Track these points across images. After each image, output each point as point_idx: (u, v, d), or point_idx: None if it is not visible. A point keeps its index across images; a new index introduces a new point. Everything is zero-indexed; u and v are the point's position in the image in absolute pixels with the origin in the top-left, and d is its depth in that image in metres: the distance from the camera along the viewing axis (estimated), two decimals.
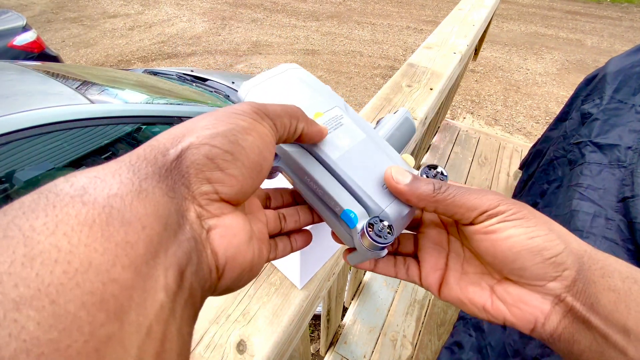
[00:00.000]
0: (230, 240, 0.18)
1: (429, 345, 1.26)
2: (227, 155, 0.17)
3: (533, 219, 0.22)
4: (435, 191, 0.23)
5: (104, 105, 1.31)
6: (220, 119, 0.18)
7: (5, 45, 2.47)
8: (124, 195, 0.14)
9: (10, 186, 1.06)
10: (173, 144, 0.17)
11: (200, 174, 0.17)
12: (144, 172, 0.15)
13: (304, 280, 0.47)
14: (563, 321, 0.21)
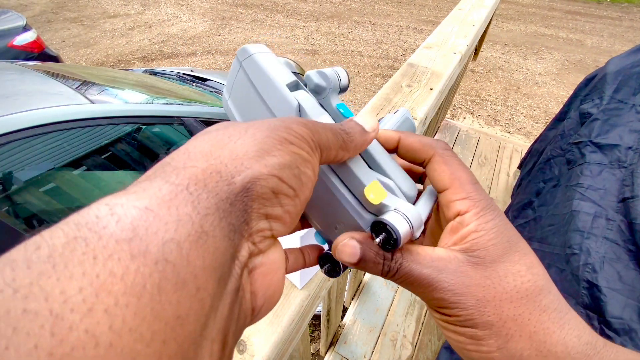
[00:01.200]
0: (272, 278, 0.16)
1: (429, 345, 1.26)
2: (291, 191, 0.15)
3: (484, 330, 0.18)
4: (383, 272, 0.19)
5: (104, 105, 1.31)
6: (283, 143, 0.15)
7: (5, 45, 2.47)
8: (182, 241, 0.11)
9: (10, 186, 1.06)
10: (238, 169, 0.14)
11: (262, 209, 0.14)
12: (205, 206, 0.12)
13: (304, 280, 0.47)
14: None
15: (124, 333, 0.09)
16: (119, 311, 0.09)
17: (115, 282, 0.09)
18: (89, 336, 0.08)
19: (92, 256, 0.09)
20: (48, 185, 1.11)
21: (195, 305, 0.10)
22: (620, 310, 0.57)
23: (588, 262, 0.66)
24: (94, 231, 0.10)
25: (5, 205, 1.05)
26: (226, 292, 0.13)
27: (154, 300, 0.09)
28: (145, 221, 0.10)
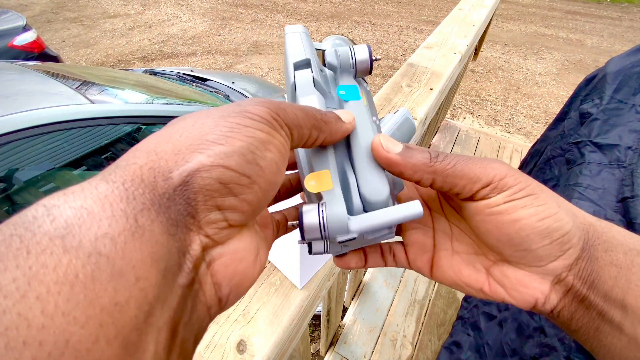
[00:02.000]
0: (236, 267, 0.16)
1: (429, 345, 1.26)
2: (244, 179, 0.15)
3: (542, 194, 0.19)
4: (432, 160, 0.20)
5: (104, 105, 1.31)
6: (234, 128, 0.15)
7: (5, 45, 2.47)
8: (116, 236, 0.11)
9: (10, 186, 1.06)
10: (177, 164, 0.14)
11: (210, 201, 0.14)
12: (141, 202, 0.12)
13: (304, 280, 0.47)
14: (563, 300, 0.20)
15: (57, 316, 0.09)
16: (51, 298, 0.09)
17: (48, 273, 0.10)
18: (22, 318, 0.09)
19: (25, 251, 0.10)
20: (48, 185, 1.11)
21: (135, 293, 0.11)
22: None
23: None
24: (29, 230, 0.10)
25: (5, 205, 1.05)
26: (176, 284, 0.13)
27: (87, 288, 0.10)
28: (79, 219, 0.11)
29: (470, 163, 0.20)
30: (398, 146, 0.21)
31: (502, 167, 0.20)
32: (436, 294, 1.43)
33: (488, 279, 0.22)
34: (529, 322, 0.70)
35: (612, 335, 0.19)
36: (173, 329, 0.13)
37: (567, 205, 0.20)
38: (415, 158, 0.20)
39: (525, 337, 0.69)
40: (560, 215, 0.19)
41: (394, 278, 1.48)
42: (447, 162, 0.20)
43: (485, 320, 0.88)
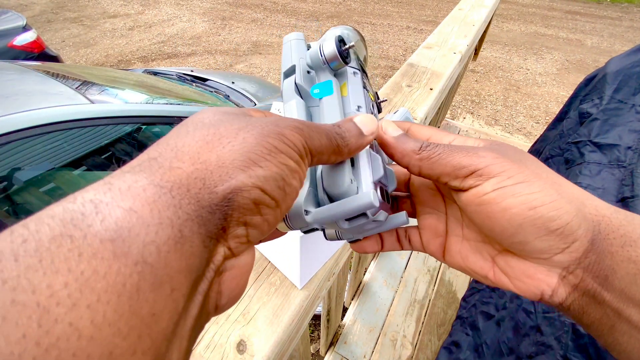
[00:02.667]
0: (239, 281, 0.16)
1: (429, 345, 1.26)
2: (272, 202, 0.15)
3: (537, 181, 0.18)
4: (421, 148, 0.21)
5: (104, 105, 1.31)
6: (272, 151, 0.15)
7: (5, 45, 2.47)
8: (161, 245, 0.11)
9: (10, 186, 1.06)
10: (222, 178, 0.14)
11: (242, 218, 0.15)
12: (186, 212, 0.12)
13: (304, 280, 0.47)
14: (572, 294, 0.19)
15: (104, 327, 0.09)
16: (101, 307, 0.09)
17: (98, 280, 0.09)
18: (73, 329, 0.09)
19: (77, 253, 0.10)
20: (48, 185, 1.11)
21: (169, 304, 0.11)
22: None
23: None
24: (80, 229, 0.10)
25: (5, 205, 1.05)
26: (197, 293, 0.13)
27: (132, 298, 0.10)
28: (128, 222, 0.11)
29: (457, 152, 0.20)
30: (396, 131, 0.22)
31: (489, 154, 0.19)
32: (436, 294, 1.43)
33: (493, 267, 0.22)
34: (525, 320, 0.70)
35: (629, 335, 0.18)
36: (191, 337, 0.13)
37: (575, 193, 0.19)
38: (406, 144, 0.21)
39: (522, 336, 0.69)
40: (558, 203, 0.18)
41: (394, 278, 1.48)
42: (433, 151, 0.20)
43: (483, 319, 0.88)
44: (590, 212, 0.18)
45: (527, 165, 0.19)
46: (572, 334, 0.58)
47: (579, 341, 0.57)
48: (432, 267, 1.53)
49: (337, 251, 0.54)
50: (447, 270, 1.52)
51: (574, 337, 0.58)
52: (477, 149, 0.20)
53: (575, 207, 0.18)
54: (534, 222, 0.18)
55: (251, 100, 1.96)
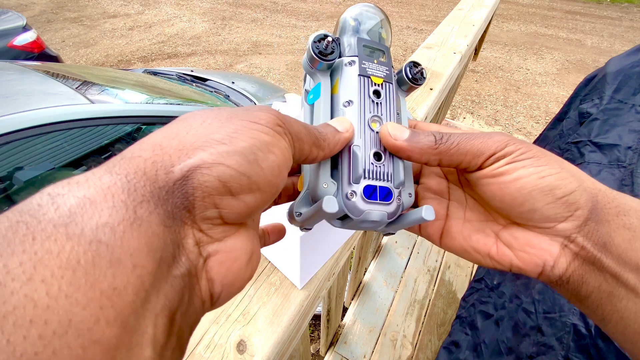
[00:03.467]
0: (230, 266, 0.16)
1: (429, 345, 1.26)
2: (243, 178, 0.15)
3: (544, 157, 0.20)
4: (437, 142, 0.21)
5: (104, 105, 1.31)
6: (239, 130, 0.15)
7: (5, 45, 2.47)
8: (116, 225, 0.12)
9: (10, 186, 1.06)
10: (180, 159, 0.14)
11: (208, 198, 0.14)
12: (141, 194, 0.13)
13: (304, 280, 0.47)
14: (573, 263, 0.20)
15: (60, 298, 0.10)
16: (55, 281, 0.10)
17: (52, 258, 0.10)
18: (28, 299, 0.09)
19: (31, 237, 0.10)
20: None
21: (132, 280, 0.11)
22: None
23: None
24: (35, 217, 0.11)
25: (5, 205, 1.05)
26: (172, 275, 0.13)
27: (89, 273, 0.11)
28: (82, 208, 0.12)
29: (473, 139, 0.21)
30: (405, 132, 0.22)
31: (503, 138, 0.21)
32: (436, 294, 1.43)
33: (496, 242, 0.23)
34: (525, 320, 0.70)
35: (627, 299, 0.18)
36: (171, 317, 0.13)
37: (574, 170, 0.20)
38: (422, 143, 0.21)
39: (521, 336, 0.69)
40: (563, 175, 0.19)
41: (394, 278, 1.48)
42: (450, 142, 0.21)
43: (482, 319, 0.88)
44: (589, 185, 0.20)
45: (533, 146, 0.21)
46: (573, 334, 0.58)
47: (580, 342, 0.57)
48: (432, 267, 1.53)
49: (337, 251, 0.54)
50: (447, 270, 1.52)
51: (576, 337, 0.57)
52: (491, 133, 0.21)
53: (577, 179, 0.20)
54: (542, 189, 0.19)
55: (251, 100, 1.96)
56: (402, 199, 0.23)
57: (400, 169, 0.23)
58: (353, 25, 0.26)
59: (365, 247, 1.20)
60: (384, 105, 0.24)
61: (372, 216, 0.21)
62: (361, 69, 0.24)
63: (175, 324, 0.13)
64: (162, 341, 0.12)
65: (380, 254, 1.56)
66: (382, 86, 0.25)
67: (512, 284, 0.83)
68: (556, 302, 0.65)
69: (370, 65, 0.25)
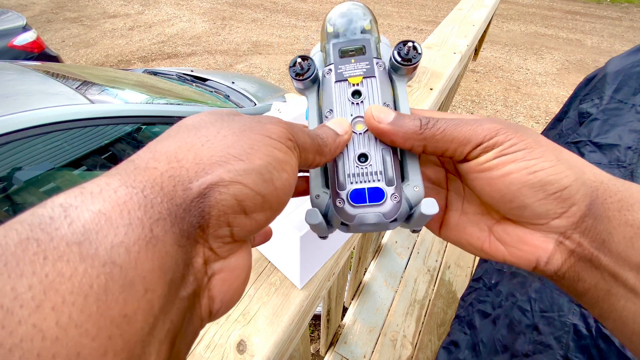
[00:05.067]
0: (232, 283, 0.16)
1: (429, 345, 1.26)
2: (258, 197, 0.15)
3: (538, 148, 0.18)
4: (422, 127, 0.20)
5: (104, 105, 1.31)
6: (254, 145, 0.15)
7: (5, 45, 2.47)
8: (131, 245, 0.11)
9: (10, 186, 1.06)
10: (198, 175, 0.13)
11: (223, 217, 0.14)
12: (158, 211, 0.12)
13: (304, 280, 0.47)
14: (568, 260, 0.19)
15: (70, 328, 0.09)
16: (66, 308, 0.09)
17: (63, 282, 0.09)
18: (37, 330, 0.09)
19: (42, 256, 0.09)
20: (48, 185, 1.11)
21: (143, 305, 0.11)
22: None
23: None
24: (47, 232, 0.10)
25: (5, 205, 1.05)
26: (179, 297, 0.13)
27: (100, 299, 0.10)
28: (96, 225, 0.11)
29: (460, 126, 0.20)
30: (389, 115, 0.21)
31: (494, 126, 0.19)
32: (436, 294, 1.43)
33: (489, 237, 0.22)
34: (520, 318, 0.70)
35: (625, 299, 0.17)
36: (172, 342, 0.12)
37: (574, 161, 0.19)
38: (406, 127, 0.20)
39: (516, 334, 0.69)
40: (558, 168, 0.18)
41: (394, 278, 1.48)
42: (436, 128, 0.20)
43: (480, 318, 0.88)
44: (589, 178, 0.18)
45: (528, 134, 0.19)
46: (573, 334, 0.58)
47: (580, 342, 0.57)
48: (432, 267, 1.53)
49: (337, 251, 0.54)
50: (447, 270, 1.52)
51: (576, 337, 0.57)
52: (481, 120, 0.20)
53: (575, 172, 0.18)
54: (532, 185, 0.18)
55: (251, 100, 1.96)
56: (406, 193, 0.22)
57: (389, 166, 0.22)
58: (331, 31, 0.26)
59: (365, 247, 1.20)
60: (366, 102, 0.24)
61: (367, 219, 0.21)
62: (337, 74, 0.25)
63: (175, 347, 0.13)
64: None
65: (380, 254, 1.57)
66: (362, 84, 0.24)
67: (509, 282, 0.83)
68: (554, 302, 0.65)
69: (347, 67, 0.25)
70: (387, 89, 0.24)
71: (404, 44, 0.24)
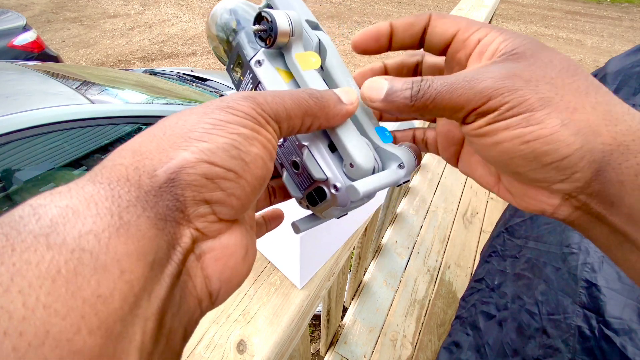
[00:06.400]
0: (226, 262, 0.16)
1: (429, 345, 1.26)
2: (230, 174, 0.15)
3: (541, 110, 0.16)
4: (412, 99, 0.19)
5: (104, 105, 1.31)
6: (217, 125, 0.15)
7: (5, 45, 2.47)
8: (100, 232, 0.11)
9: (10, 186, 1.06)
10: (162, 162, 0.14)
11: (198, 196, 0.14)
12: (126, 199, 0.13)
13: (304, 280, 0.47)
14: (575, 213, 0.18)
15: (38, 309, 0.10)
16: (33, 291, 0.10)
17: (30, 269, 0.10)
18: (3, 311, 0.09)
19: (10, 249, 0.10)
20: (48, 185, 1.11)
21: (120, 285, 0.11)
22: (620, 310, 0.57)
23: (587, 261, 0.66)
24: (15, 228, 0.11)
25: (5, 205, 1.05)
26: (164, 275, 0.13)
27: (70, 282, 0.10)
28: (64, 218, 0.11)
29: (453, 91, 0.18)
30: (381, 92, 0.20)
31: (494, 83, 0.17)
32: (436, 294, 1.43)
33: (498, 184, 0.22)
34: (529, 322, 0.70)
35: (637, 254, 0.17)
36: (160, 320, 0.13)
37: (588, 121, 0.16)
38: (397, 101, 0.19)
39: (527, 338, 0.69)
40: (558, 136, 0.16)
41: (394, 278, 1.48)
42: (427, 97, 0.18)
43: (484, 319, 0.88)
44: (605, 141, 0.16)
45: (540, 84, 0.17)
46: (578, 336, 0.58)
47: (585, 344, 0.57)
48: (432, 267, 1.53)
49: (337, 251, 0.54)
50: (447, 270, 1.52)
51: (581, 339, 0.57)
52: (482, 73, 0.17)
53: (582, 138, 0.16)
54: (525, 156, 0.17)
55: None
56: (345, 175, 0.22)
57: (315, 166, 0.22)
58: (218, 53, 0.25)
59: (365, 247, 1.20)
60: None
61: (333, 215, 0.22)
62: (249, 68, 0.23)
63: (164, 326, 0.13)
64: (150, 347, 0.12)
65: (380, 254, 1.57)
66: None
67: (513, 284, 0.83)
68: (560, 304, 0.65)
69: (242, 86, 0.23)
70: (277, 83, 0.22)
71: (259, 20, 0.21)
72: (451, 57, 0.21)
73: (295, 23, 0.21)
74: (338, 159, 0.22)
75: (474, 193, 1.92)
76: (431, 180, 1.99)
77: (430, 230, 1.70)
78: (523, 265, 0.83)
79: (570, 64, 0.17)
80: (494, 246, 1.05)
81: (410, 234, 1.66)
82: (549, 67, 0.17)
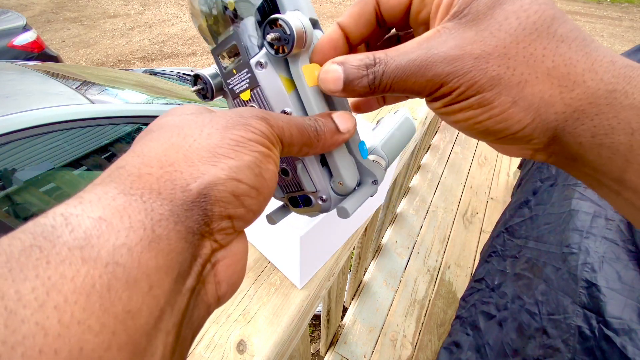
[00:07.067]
0: (235, 267, 0.17)
1: (429, 345, 1.26)
2: (253, 191, 0.16)
3: (492, 89, 0.16)
4: (371, 87, 0.18)
5: (104, 105, 1.31)
6: (240, 142, 0.16)
7: (5, 45, 2.47)
8: (133, 246, 0.12)
9: (10, 186, 1.06)
10: (193, 176, 0.14)
11: (224, 212, 0.15)
12: (159, 213, 0.13)
13: (304, 280, 0.47)
14: (551, 159, 0.19)
15: (73, 325, 0.10)
16: (68, 307, 0.10)
17: (66, 283, 0.10)
18: (39, 328, 0.09)
19: (45, 261, 0.10)
20: (48, 185, 1.11)
21: (148, 301, 0.11)
22: (620, 310, 0.57)
23: (587, 261, 0.66)
24: (49, 240, 0.11)
25: (5, 205, 1.05)
26: (185, 287, 0.13)
27: (103, 297, 0.10)
28: (97, 230, 0.11)
29: (408, 78, 0.17)
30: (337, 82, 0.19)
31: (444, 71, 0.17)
32: (436, 294, 1.43)
33: None
34: (529, 322, 0.70)
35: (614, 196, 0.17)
36: (178, 332, 0.13)
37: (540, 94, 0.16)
38: (357, 90, 0.19)
39: (527, 338, 0.69)
40: (509, 114, 0.16)
41: (394, 278, 1.48)
42: (384, 85, 0.18)
43: (484, 319, 0.88)
44: (557, 110, 0.16)
45: (490, 59, 0.16)
46: (578, 336, 0.58)
47: (585, 344, 0.57)
48: (432, 267, 1.53)
49: (337, 251, 0.54)
50: (447, 270, 1.52)
51: (581, 339, 0.57)
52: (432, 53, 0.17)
53: (534, 112, 0.16)
54: (480, 133, 0.18)
55: None
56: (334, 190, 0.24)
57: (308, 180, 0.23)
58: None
59: (365, 247, 1.20)
60: None
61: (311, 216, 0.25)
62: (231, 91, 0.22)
63: (180, 337, 0.13)
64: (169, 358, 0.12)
65: (380, 254, 1.57)
66: (252, 98, 0.21)
67: (513, 284, 0.83)
68: (560, 304, 0.65)
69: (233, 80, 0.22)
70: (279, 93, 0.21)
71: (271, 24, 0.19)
72: (415, 19, 0.20)
73: (309, 34, 0.19)
74: (327, 173, 0.23)
75: (474, 193, 1.92)
76: (431, 180, 1.99)
77: (430, 230, 1.70)
78: (523, 265, 0.83)
79: (529, 15, 0.16)
80: (494, 246, 1.05)
81: (410, 234, 1.66)
82: (502, 30, 0.16)
